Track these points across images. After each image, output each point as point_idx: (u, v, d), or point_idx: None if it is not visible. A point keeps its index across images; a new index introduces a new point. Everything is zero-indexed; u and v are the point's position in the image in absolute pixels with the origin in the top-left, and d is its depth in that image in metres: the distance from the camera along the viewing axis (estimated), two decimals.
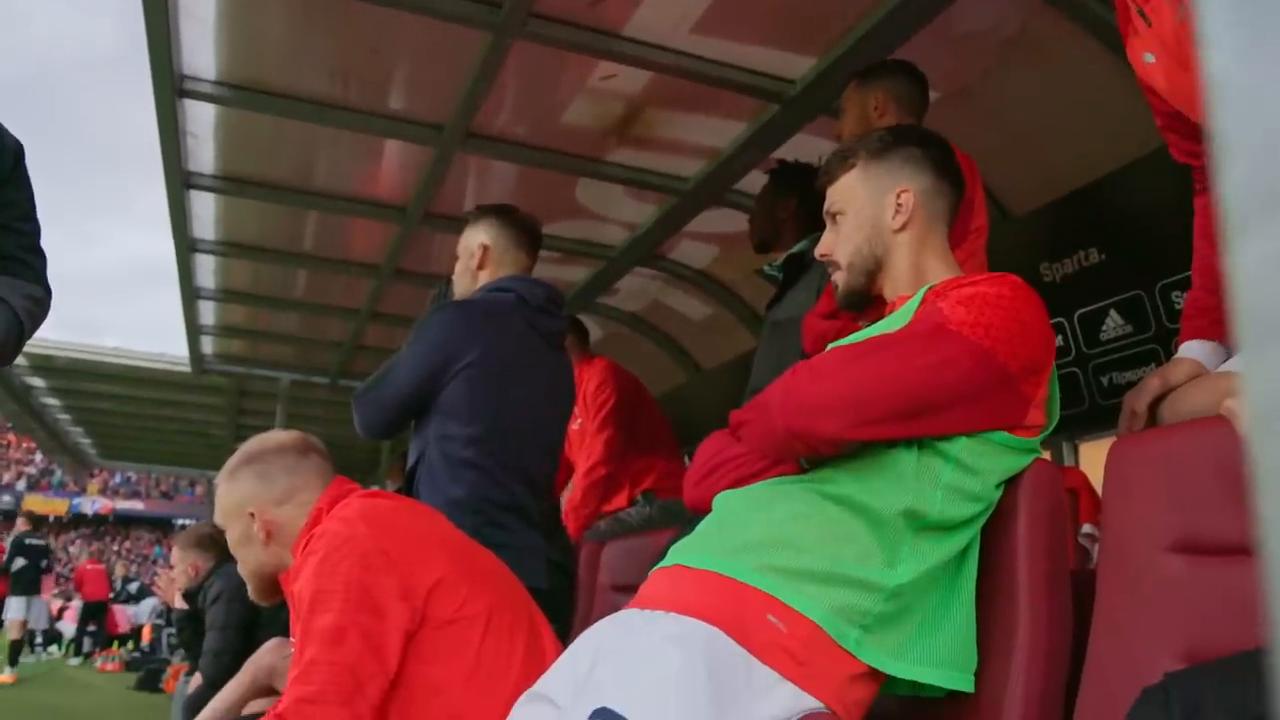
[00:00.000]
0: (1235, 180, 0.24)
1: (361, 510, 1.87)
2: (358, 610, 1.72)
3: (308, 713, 1.66)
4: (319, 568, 1.76)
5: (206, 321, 6.91)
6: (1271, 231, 0.23)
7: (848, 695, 1.36)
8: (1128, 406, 1.65)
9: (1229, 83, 0.24)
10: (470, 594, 1.84)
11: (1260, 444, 0.23)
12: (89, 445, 13.47)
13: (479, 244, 2.81)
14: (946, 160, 1.73)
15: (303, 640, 1.73)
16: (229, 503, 2.02)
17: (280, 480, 2.00)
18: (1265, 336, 0.23)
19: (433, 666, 1.78)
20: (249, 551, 2.01)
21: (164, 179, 4.41)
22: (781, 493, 1.49)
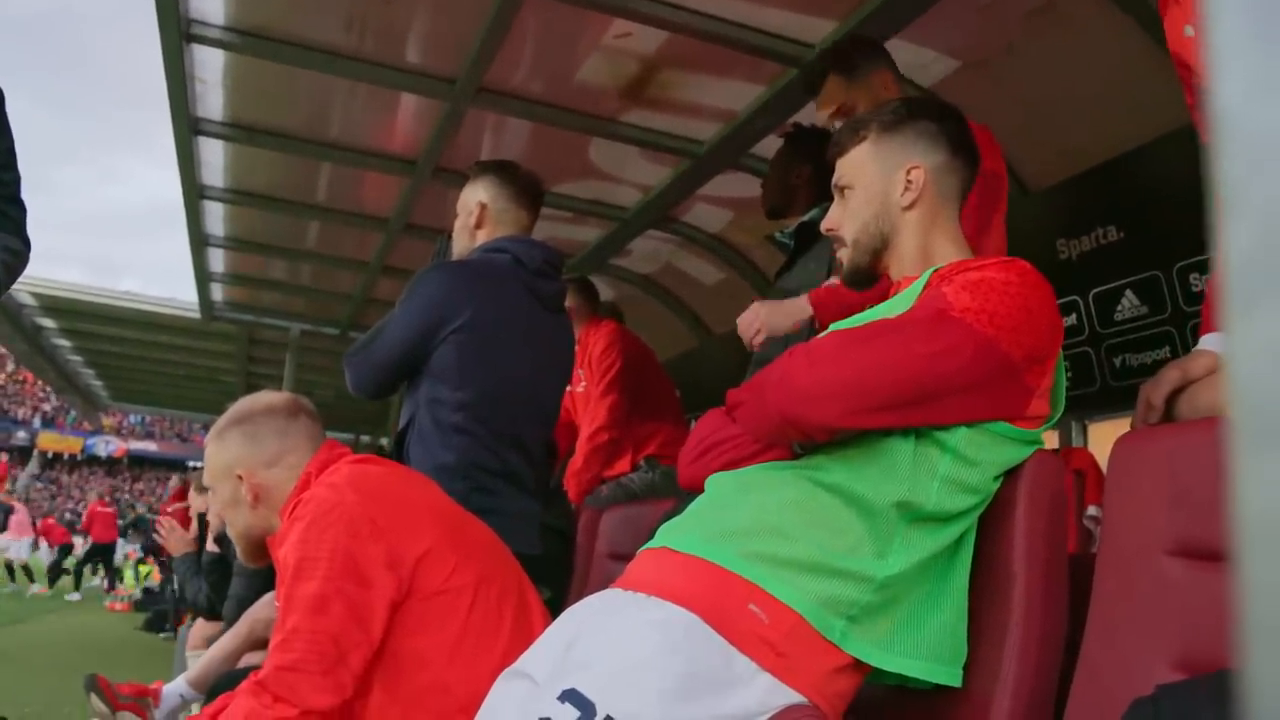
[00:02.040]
0: (1243, 243, 0.20)
1: (350, 477, 1.84)
2: (343, 578, 1.69)
3: (288, 681, 1.64)
4: (305, 534, 1.73)
5: (216, 269, 6.88)
6: None
7: (829, 687, 1.33)
8: (1144, 398, 1.59)
9: (1242, 122, 0.20)
10: (459, 564, 1.82)
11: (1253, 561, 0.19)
12: (100, 387, 13.53)
13: (477, 202, 2.75)
14: (962, 136, 1.67)
15: (285, 607, 1.71)
16: (217, 464, 1.98)
17: (269, 442, 1.96)
18: (1266, 438, 0.19)
19: (419, 637, 1.75)
20: (237, 513, 1.98)
21: (171, 124, 4.36)
22: (773, 479, 1.45)
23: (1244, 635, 0.19)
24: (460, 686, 1.71)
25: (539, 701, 1.28)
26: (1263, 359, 0.19)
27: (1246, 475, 0.19)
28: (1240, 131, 0.20)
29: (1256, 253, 0.20)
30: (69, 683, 6.27)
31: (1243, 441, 0.19)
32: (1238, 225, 0.20)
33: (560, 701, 1.24)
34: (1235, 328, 0.20)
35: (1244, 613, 0.19)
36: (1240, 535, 0.20)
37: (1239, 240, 0.20)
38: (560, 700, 1.24)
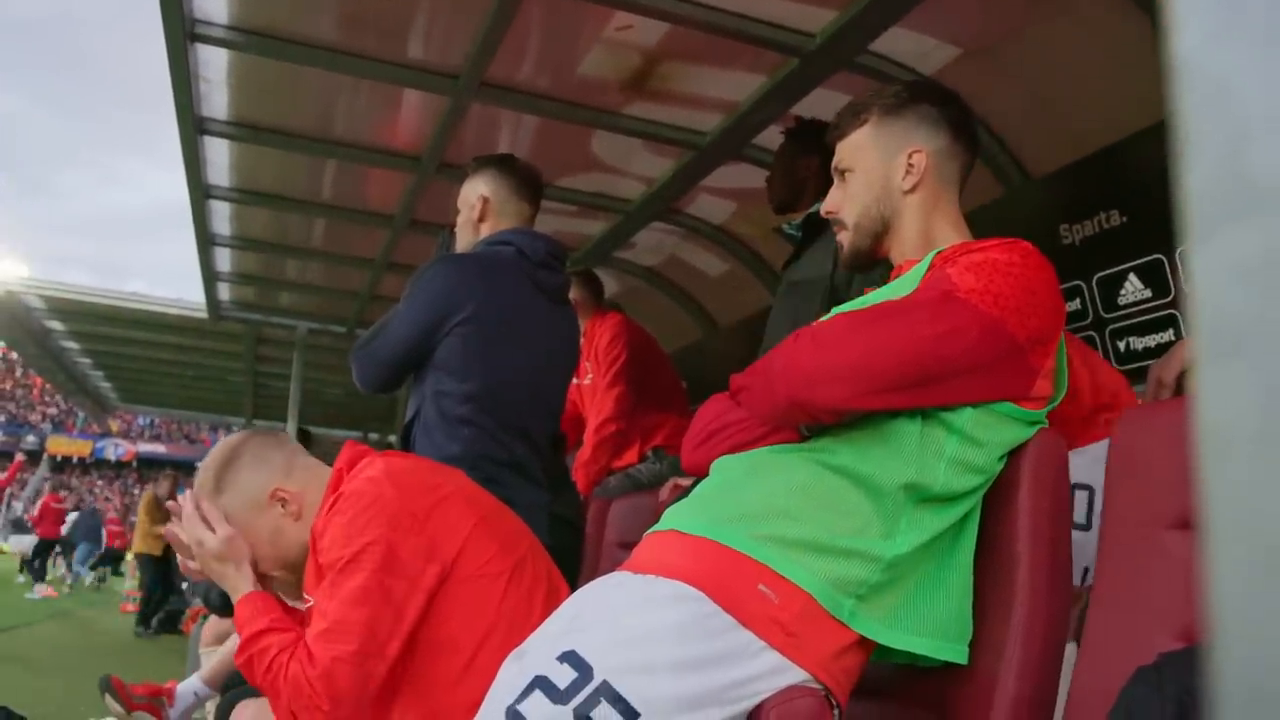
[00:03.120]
0: (1201, 178, 0.22)
1: (387, 470, 1.85)
2: (384, 572, 1.72)
3: (340, 673, 1.67)
4: (348, 529, 1.75)
5: (223, 268, 6.90)
6: (1240, 237, 0.21)
7: (836, 665, 1.35)
8: (1154, 376, 1.61)
9: (1198, 67, 0.21)
10: (496, 552, 1.84)
11: (1210, 469, 0.21)
12: (109, 389, 13.57)
13: (479, 196, 2.77)
14: (963, 121, 1.68)
15: (330, 597, 1.73)
16: (243, 503, 1.91)
17: (273, 456, 1.96)
18: (1226, 351, 0.21)
19: (453, 624, 1.78)
20: (286, 541, 1.91)
21: (176, 124, 4.38)
22: (780, 461, 1.47)
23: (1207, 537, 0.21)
24: (491, 673, 1.73)
25: (536, 660, 1.30)
26: (1220, 279, 0.21)
27: (1207, 384, 0.21)
28: (1198, 73, 0.22)
29: (1213, 185, 0.21)
30: (83, 683, 6.32)
31: (1204, 353, 0.21)
32: (1196, 159, 0.22)
33: (559, 661, 1.26)
34: (1196, 252, 0.22)
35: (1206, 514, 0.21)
36: (1201, 442, 0.21)
37: (1198, 173, 0.22)
38: (559, 660, 1.26)
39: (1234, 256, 0.21)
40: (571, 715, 1.22)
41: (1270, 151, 0.20)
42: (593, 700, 1.22)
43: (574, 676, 1.24)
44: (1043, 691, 1.40)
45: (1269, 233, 0.21)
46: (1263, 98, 0.20)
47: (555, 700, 1.23)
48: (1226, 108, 0.21)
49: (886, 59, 3.51)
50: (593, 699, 1.22)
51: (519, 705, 1.25)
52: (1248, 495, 0.20)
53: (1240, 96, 0.21)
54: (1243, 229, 0.21)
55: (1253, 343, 0.21)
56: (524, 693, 1.26)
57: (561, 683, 1.24)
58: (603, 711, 1.22)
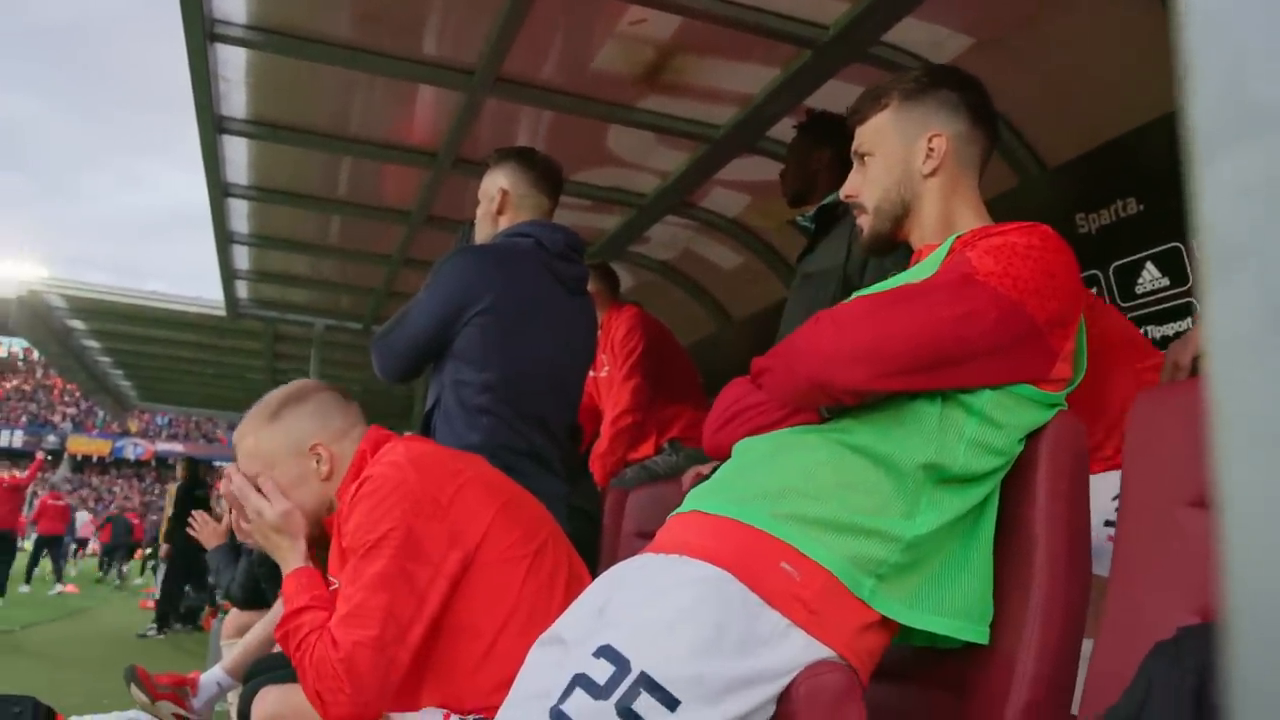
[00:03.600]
0: (1203, 104, 0.23)
1: (409, 455, 1.87)
2: (406, 557, 1.74)
3: (361, 658, 1.69)
4: (371, 514, 1.77)
5: (241, 266, 6.95)
6: (1240, 159, 0.22)
7: (859, 644, 1.36)
8: (1170, 359, 1.62)
9: None
10: (517, 538, 1.86)
11: (1220, 378, 0.22)
12: (129, 387, 13.67)
13: (498, 188, 2.79)
14: (983, 106, 1.69)
15: (353, 581, 1.75)
16: (281, 443, 1.96)
17: (336, 417, 2.00)
18: (1229, 264, 0.22)
19: (475, 609, 1.80)
20: (305, 491, 1.96)
21: (196, 123, 4.42)
22: (801, 441, 1.49)
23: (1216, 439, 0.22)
24: (512, 656, 1.75)
25: (574, 659, 1.32)
26: (1223, 199, 0.23)
27: (1212, 297, 0.22)
28: (1198, 5, 0.23)
29: (1215, 110, 0.23)
30: (106, 676, 6.38)
31: (1208, 269, 0.23)
32: (1199, 86, 0.23)
33: (595, 658, 1.28)
34: (1200, 175, 0.24)
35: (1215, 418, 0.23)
36: (1211, 351, 0.23)
37: (1202, 99, 0.23)
38: (595, 656, 1.28)
39: (1235, 177, 0.23)
40: (614, 710, 1.24)
41: (1268, 76, 0.22)
42: (633, 692, 1.24)
43: (612, 671, 1.26)
44: (1062, 671, 1.41)
45: (1268, 153, 0.22)
46: (1261, 25, 0.22)
47: (596, 696, 1.25)
48: (1226, 36, 0.22)
49: (900, 49, 3.51)
50: (633, 691, 1.24)
51: (562, 706, 1.27)
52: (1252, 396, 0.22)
53: (1239, 25, 0.22)
54: (1243, 151, 0.22)
55: (1254, 256, 0.22)
56: (565, 692, 1.28)
57: (601, 678, 1.26)
58: (644, 702, 1.23)
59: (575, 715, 1.25)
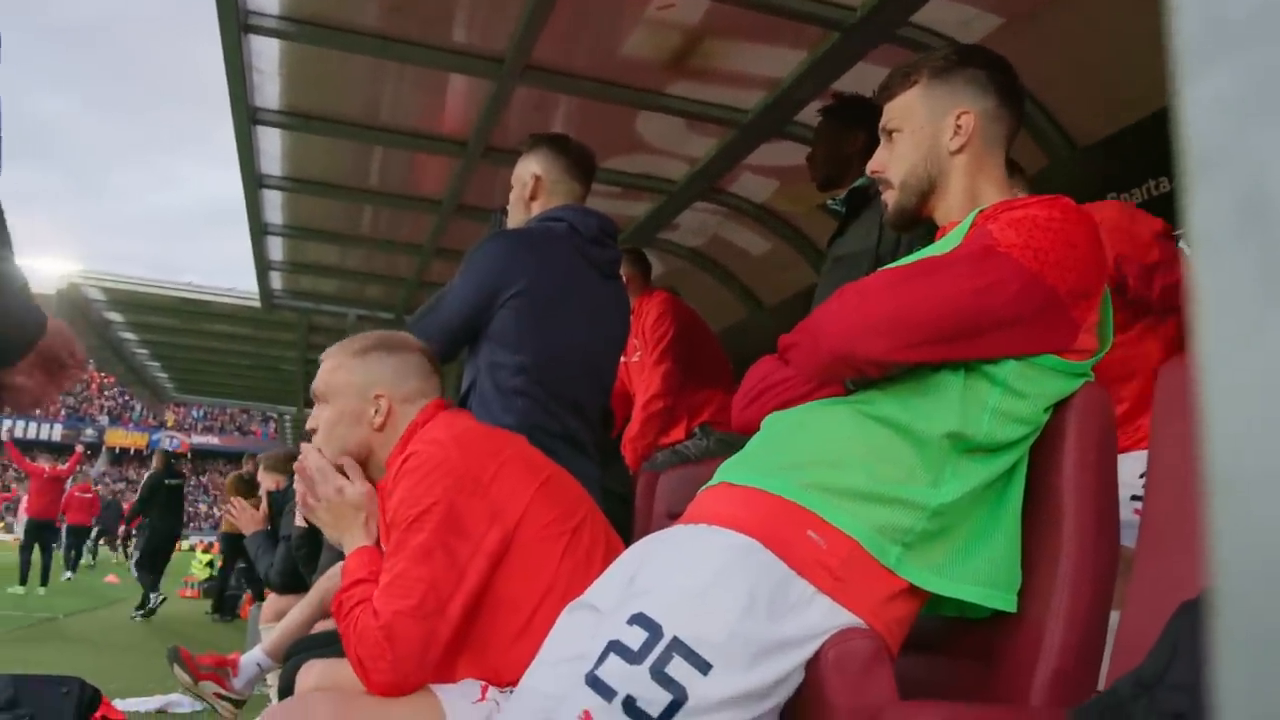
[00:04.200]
0: (1185, 23, 0.25)
1: (452, 432, 1.91)
2: (447, 532, 1.78)
3: (401, 627, 1.72)
4: (415, 488, 1.81)
5: (275, 257, 7.04)
6: (1218, 74, 0.25)
7: (886, 612, 1.38)
8: None
9: None
10: (556, 515, 1.90)
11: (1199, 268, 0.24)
12: (165, 379, 13.86)
13: (531, 174, 2.82)
14: (1010, 85, 1.70)
15: (395, 554, 1.79)
16: (352, 379, 2.01)
17: (413, 380, 2.03)
18: (1207, 168, 0.25)
19: (513, 584, 1.83)
20: (351, 430, 2.00)
21: (231, 115, 4.48)
22: (827, 414, 1.51)
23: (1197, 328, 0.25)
24: (547, 632, 1.79)
25: (608, 626, 1.35)
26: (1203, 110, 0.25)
27: (1195, 197, 0.25)
28: None
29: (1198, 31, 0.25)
30: (148, 661, 6.51)
31: (1192, 172, 0.25)
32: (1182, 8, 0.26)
33: (629, 624, 1.31)
34: (1184, 91, 0.26)
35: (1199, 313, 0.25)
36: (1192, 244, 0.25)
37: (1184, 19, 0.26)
38: (629, 623, 1.31)
39: (1212, 91, 0.25)
40: (648, 673, 1.27)
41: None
42: (666, 656, 1.27)
43: (645, 637, 1.29)
44: (1090, 640, 1.42)
45: (1240, 68, 0.25)
46: None
47: (631, 661, 1.29)
48: None
49: (928, 30, 3.51)
50: (666, 655, 1.27)
51: (597, 671, 1.30)
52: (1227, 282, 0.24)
53: None
54: (1220, 66, 0.25)
55: (1229, 159, 0.25)
56: (600, 658, 1.31)
57: (634, 644, 1.29)
58: (677, 666, 1.27)
59: (610, 679, 1.28)
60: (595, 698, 1.28)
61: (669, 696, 1.26)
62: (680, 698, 1.25)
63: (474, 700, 1.79)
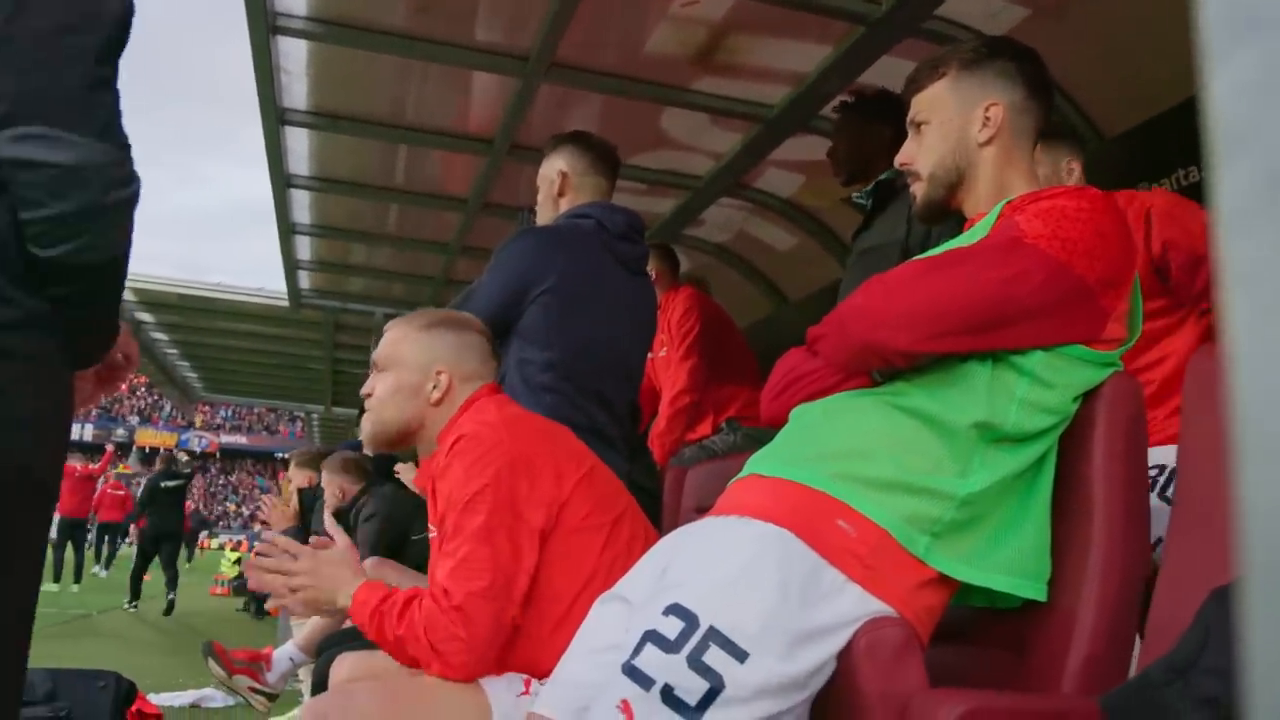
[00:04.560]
0: (1214, 12, 0.27)
1: (504, 417, 1.95)
2: (504, 513, 1.80)
3: (476, 607, 1.74)
4: (469, 470, 1.84)
5: (303, 256, 7.10)
6: (1243, 58, 0.26)
7: (916, 601, 1.39)
8: None
9: None
10: (596, 504, 1.92)
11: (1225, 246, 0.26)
12: (195, 379, 13.99)
13: (557, 170, 2.84)
14: (1039, 76, 1.70)
15: (454, 536, 1.81)
16: (415, 351, 2.04)
17: (473, 360, 2.07)
18: (1233, 148, 0.26)
19: (557, 574, 1.86)
20: (409, 403, 2.03)
21: (259, 115, 4.53)
22: (856, 405, 1.52)
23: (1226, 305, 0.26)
24: None
25: (642, 617, 1.37)
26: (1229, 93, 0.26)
27: (1221, 178, 0.26)
28: None
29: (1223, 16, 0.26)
30: (181, 656, 6.59)
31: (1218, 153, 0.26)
32: None
33: (665, 615, 1.33)
34: (1211, 74, 0.27)
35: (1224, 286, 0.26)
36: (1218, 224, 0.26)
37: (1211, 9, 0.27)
38: (665, 614, 1.33)
39: (1237, 74, 0.26)
40: (685, 662, 1.29)
41: None
42: (702, 645, 1.29)
43: (681, 626, 1.31)
44: (1121, 626, 1.43)
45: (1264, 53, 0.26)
46: None
47: (668, 650, 1.30)
48: None
49: (954, 23, 3.50)
50: (702, 644, 1.29)
51: (635, 661, 1.32)
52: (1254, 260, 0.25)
53: None
54: (1244, 51, 0.26)
55: (1254, 141, 0.26)
56: (637, 648, 1.33)
57: (671, 634, 1.31)
58: (714, 655, 1.29)
59: (648, 669, 1.30)
60: (633, 687, 1.30)
61: (706, 685, 1.27)
62: (717, 685, 1.27)
63: (518, 693, 1.81)
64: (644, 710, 1.28)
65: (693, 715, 1.26)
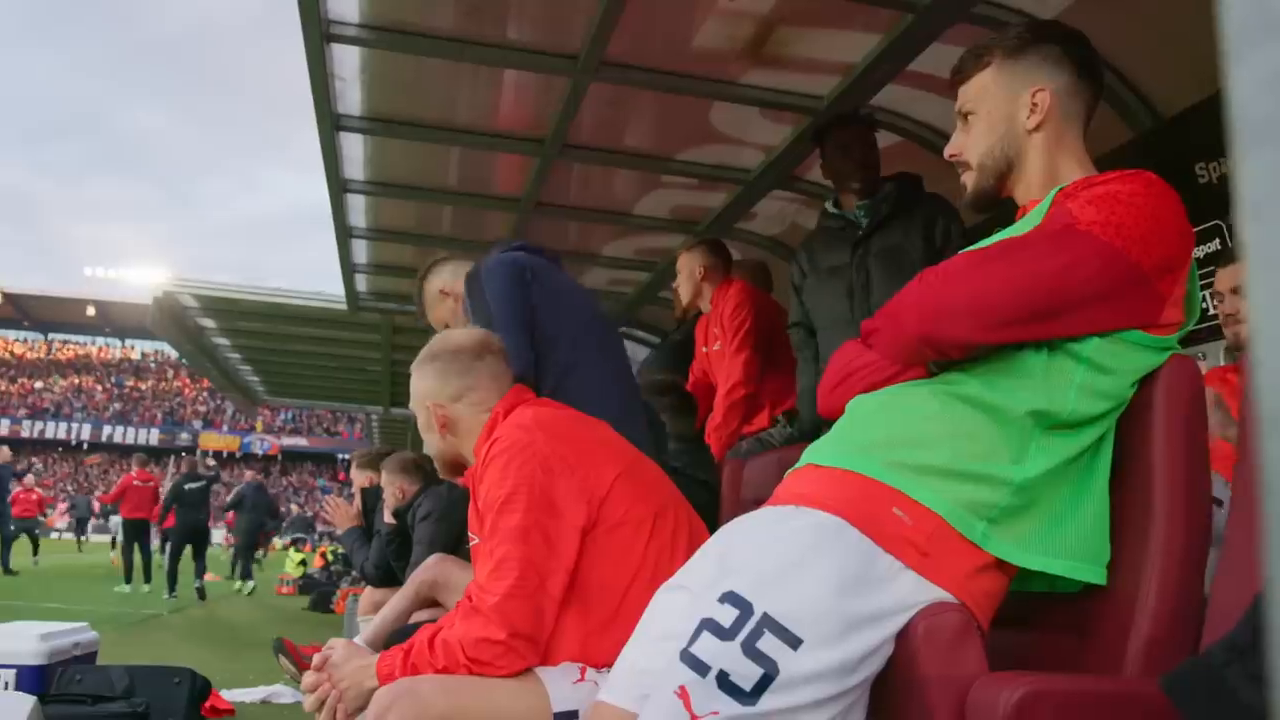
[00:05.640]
0: (1236, 15, 0.28)
1: (537, 418, 2.01)
2: (539, 511, 1.86)
3: (508, 606, 1.81)
4: (503, 472, 1.90)
5: (360, 260, 7.20)
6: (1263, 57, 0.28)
7: (973, 586, 1.40)
8: None
9: None
10: (638, 497, 1.96)
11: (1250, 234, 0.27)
12: (256, 383, 14.25)
13: None
14: (1087, 59, 1.69)
15: (491, 538, 1.88)
16: (415, 393, 2.22)
17: (454, 380, 2.17)
18: (1256, 140, 0.28)
19: (603, 567, 1.90)
20: (430, 438, 2.22)
21: (315, 122, 4.61)
22: (910, 394, 1.53)
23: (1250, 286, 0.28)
24: (638, 614, 1.84)
25: (700, 605, 1.39)
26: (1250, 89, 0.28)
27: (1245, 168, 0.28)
28: None
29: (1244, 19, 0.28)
30: (251, 654, 6.73)
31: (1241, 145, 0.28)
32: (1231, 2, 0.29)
33: (720, 603, 1.35)
34: (1233, 71, 0.29)
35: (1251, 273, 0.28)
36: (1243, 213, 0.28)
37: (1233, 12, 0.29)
38: (720, 602, 1.35)
39: (1258, 71, 0.28)
40: (740, 649, 1.31)
41: None
42: (757, 632, 1.32)
43: (736, 614, 1.34)
44: (1183, 608, 1.42)
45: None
46: None
47: (723, 638, 1.33)
48: None
49: (1004, 6, 3.47)
50: (757, 631, 1.32)
51: (691, 648, 1.35)
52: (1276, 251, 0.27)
53: None
54: (1264, 51, 0.28)
55: (1276, 131, 0.28)
56: (693, 636, 1.36)
57: (726, 621, 1.34)
58: (768, 642, 1.31)
59: (704, 656, 1.33)
60: (690, 673, 1.32)
61: (760, 671, 1.30)
62: (771, 672, 1.29)
63: (574, 681, 1.86)
64: (700, 696, 1.30)
65: (748, 700, 1.29)
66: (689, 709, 1.30)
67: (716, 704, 1.30)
